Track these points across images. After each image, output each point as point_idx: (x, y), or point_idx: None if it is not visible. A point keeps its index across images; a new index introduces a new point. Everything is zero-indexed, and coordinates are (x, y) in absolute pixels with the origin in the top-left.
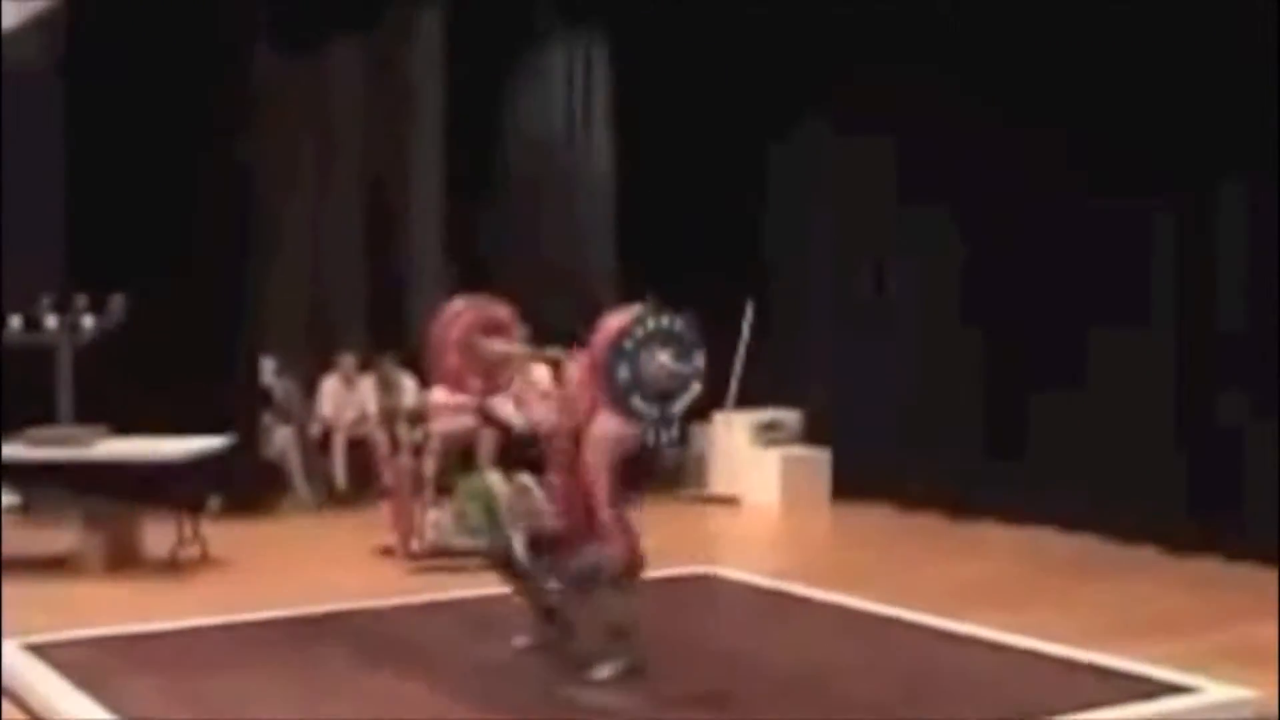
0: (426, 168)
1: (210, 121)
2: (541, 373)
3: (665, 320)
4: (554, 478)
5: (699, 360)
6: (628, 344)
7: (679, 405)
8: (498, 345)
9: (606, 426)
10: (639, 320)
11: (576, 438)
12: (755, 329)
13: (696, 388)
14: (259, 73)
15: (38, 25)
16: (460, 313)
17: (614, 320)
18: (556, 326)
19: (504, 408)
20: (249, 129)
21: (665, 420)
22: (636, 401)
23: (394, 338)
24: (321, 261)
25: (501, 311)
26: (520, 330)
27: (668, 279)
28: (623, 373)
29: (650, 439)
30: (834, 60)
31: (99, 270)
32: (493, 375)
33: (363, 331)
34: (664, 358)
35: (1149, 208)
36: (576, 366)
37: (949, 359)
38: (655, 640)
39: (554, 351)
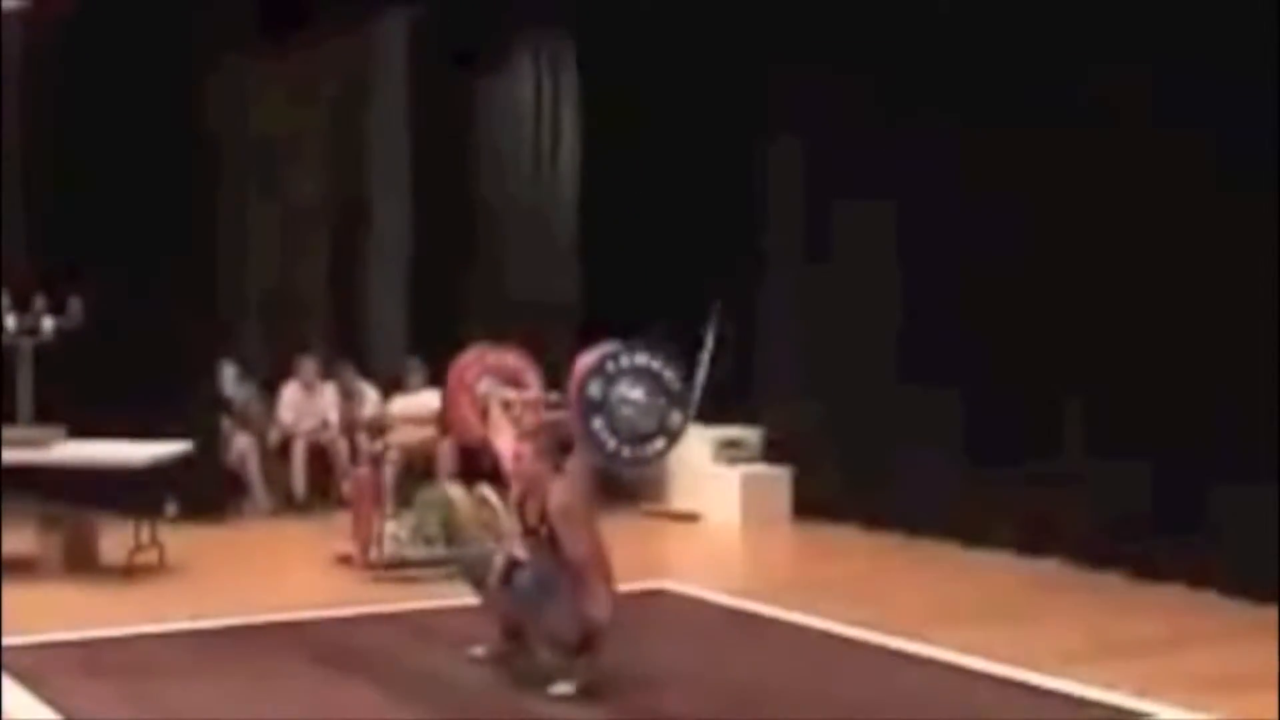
0: (390, 174)
1: (173, 125)
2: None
3: (628, 358)
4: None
5: (674, 386)
6: (594, 388)
7: (656, 446)
8: (508, 393)
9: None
10: (608, 358)
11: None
12: (718, 345)
13: (677, 418)
14: (222, 77)
15: None
16: (471, 360)
17: (583, 361)
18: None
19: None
20: (211, 133)
21: (641, 460)
22: (609, 442)
23: (354, 346)
24: (284, 268)
25: (515, 359)
26: (535, 378)
27: (632, 288)
28: (594, 415)
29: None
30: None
31: (59, 271)
32: (515, 421)
33: (324, 338)
34: (636, 394)
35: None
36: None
37: (913, 379)
38: (609, 656)
39: (557, 399)
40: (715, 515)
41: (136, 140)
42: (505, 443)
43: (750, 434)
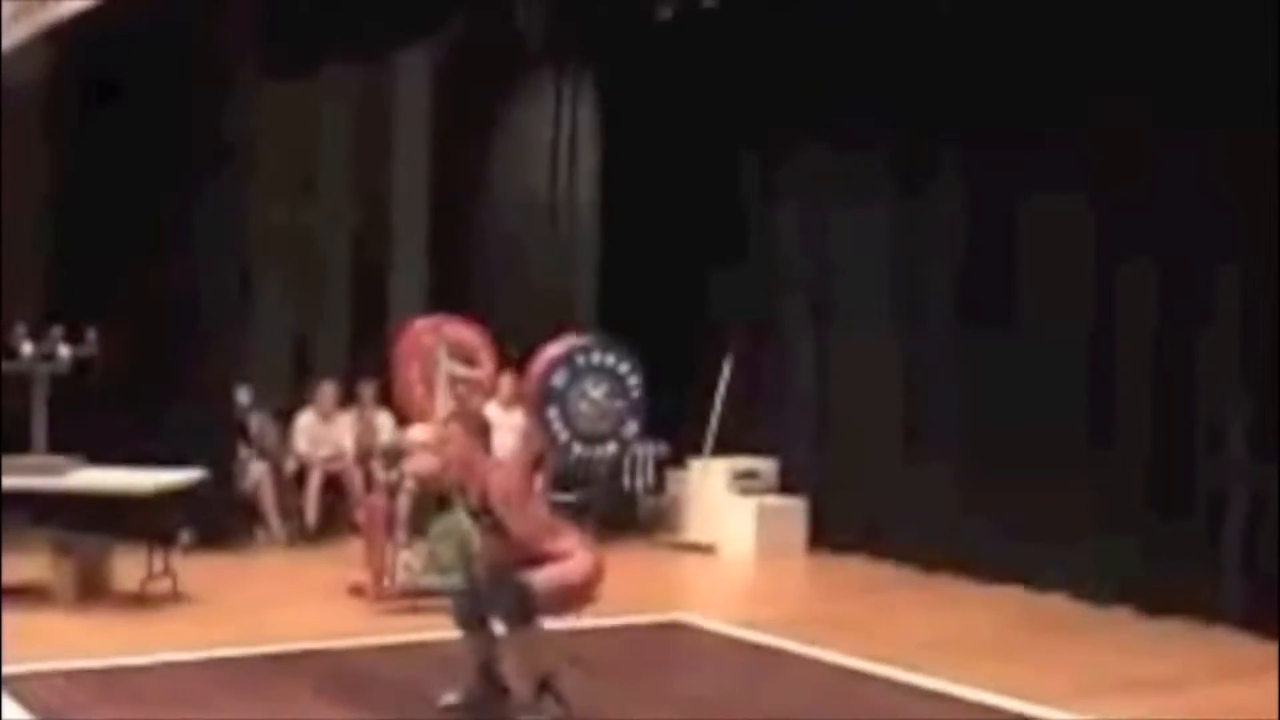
0: (410, 204)
1: (191, 155)
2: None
3: (598, 355)
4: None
5: (635, 393)
6: (558, 377)
7: (606, 449)
8: (459, 369)
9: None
10: (578, 351)
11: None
12: (734, 378)
13: (632, 427)
14: (244, 105)
15: (20, 57)
16: (429, 327)
17: (548, 351)
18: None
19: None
20: (231, 161)
21: (588, 460)
22: (562, 433)
23: (374, 370)
24: (302, 294)
25: (473, 336)
26: (489, 359)
27: (649, 327)
28: (552, 410)
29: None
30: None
31: (76, 299)
32: (460, 399)
33: (343, 363)
34: (597, 393)
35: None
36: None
37: (928, 413)
38: (618, 687)
39: (508, 379)
40: (730, 546)
41: (155, 170)
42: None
43: (766, 465)
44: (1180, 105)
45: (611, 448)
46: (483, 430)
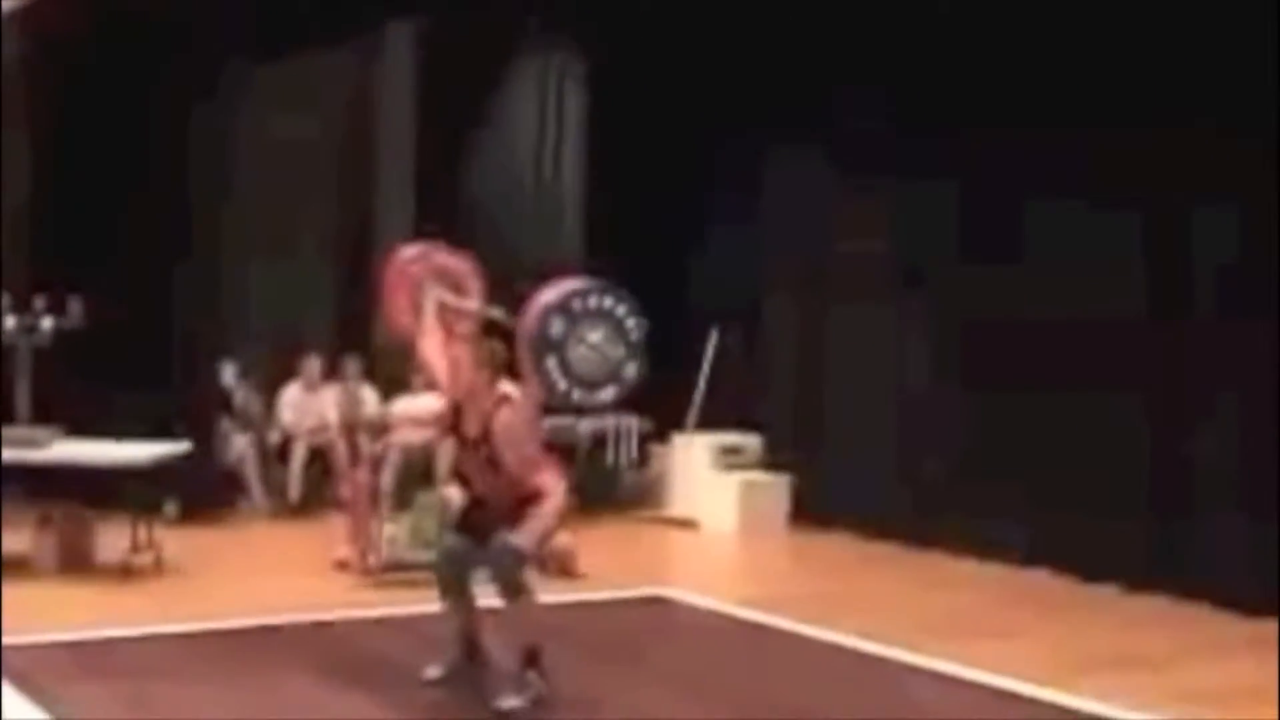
0: (395, 179)
1: (175, 124)
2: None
3: (595, 299)
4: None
5: (634, 336)
6: (555, 326)
7: (605, 394)
8: (448, 298)
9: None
10: (575, 296)
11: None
12: (719, 353)
13: (631, 370)
14: (227, 77)
15: (9, 26)
16: (416, 256)
17: (545, 295)
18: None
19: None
20: (215, 132)
21: (590, 407)
22: (560, 382)
23: (359, 342)
24: (286, 265)
25: (461, 264)
26: (477, 287)
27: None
28: (550, 360)
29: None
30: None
31: (59, 271)
32: (447, 326)
33: (329, 335)
34: (595, 338)
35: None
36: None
37: (914, 392)
38: (600, 661)
39: (498, 312)
40: (713, 522)
41: (140, 142)
42: (433, 347)
43: (750, 441)
44: (1180, 105)
45: (610, 392)
46: (491, 360)
